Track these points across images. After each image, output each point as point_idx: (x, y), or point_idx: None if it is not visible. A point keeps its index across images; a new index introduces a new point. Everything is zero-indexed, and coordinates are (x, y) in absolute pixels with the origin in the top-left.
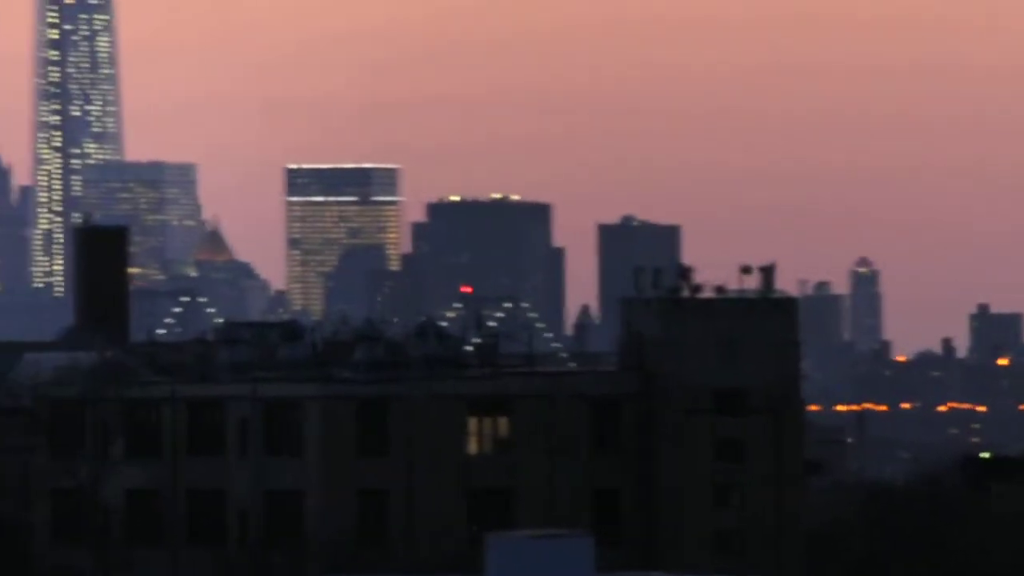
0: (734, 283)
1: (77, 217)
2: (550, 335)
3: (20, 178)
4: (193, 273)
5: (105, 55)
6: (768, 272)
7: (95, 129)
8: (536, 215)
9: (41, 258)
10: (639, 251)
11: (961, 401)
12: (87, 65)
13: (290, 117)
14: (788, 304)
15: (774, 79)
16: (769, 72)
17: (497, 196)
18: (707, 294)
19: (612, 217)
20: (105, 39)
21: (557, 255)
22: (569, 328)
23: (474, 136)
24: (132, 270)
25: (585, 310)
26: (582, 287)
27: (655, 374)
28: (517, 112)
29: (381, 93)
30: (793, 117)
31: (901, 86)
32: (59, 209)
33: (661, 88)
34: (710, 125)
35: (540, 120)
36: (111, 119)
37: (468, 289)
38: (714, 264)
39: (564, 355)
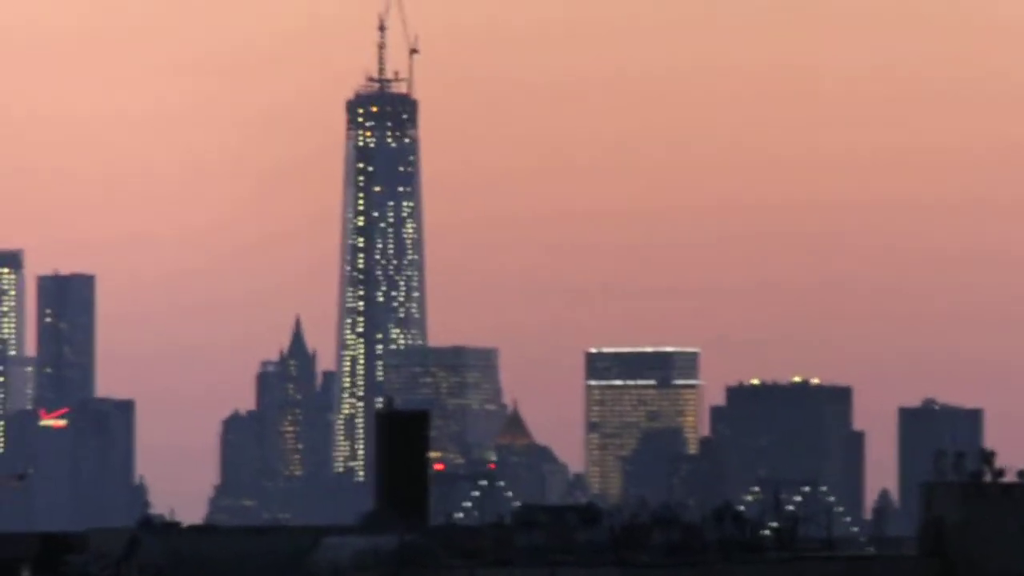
0: None
1: (379, 402)
2: (848, 519)
3: (324, 363)
4: (493, 457)
5: (410, 241)
6: None
7: (399, 315)
8: (836, 398)
9: (343, 443)
10: (940, 434)
11: None
12: (392, 251)
13: (589, 301)
14: None
15: None
16: None
17: (797, 379)
18: (1010, 478)
19: (913, 400)
20: (411, 226)
21: (857, 438)
22: (868, 512)
23: (773, 320)
24: (432, 454)
25: (885, 494)
26: (882, 471)
27: (956, 560)
28: (816, 296)
29: (678, 279)
30: None
31: None
32: (361, 394)
33: (960, 278)
34: (1016, 313)
35: (840, 304)
36: (415, 304)
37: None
38: (1019, 447)
39: (863, 540)
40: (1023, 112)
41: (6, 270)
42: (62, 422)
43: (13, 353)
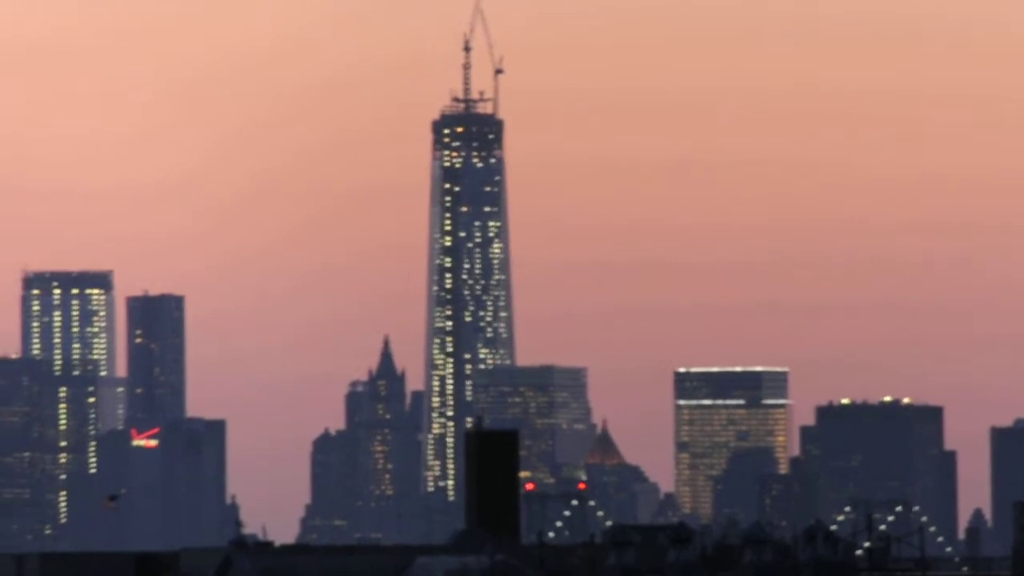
0: None
1: (469, 421)
2: (941, 539)
3: (413, 383)
4: (583, 476)
5: (497, 261)
6: None
7: (487, 335)
8: (927, 418)
9: (433, 462)
10: None
11: None
12: (480, 272)
13: (676, 322)
14: None
15: None
16: None
17: (887, 399)
18: None
19: (1005, 420)
20: (499, 246)
21: (949, 458)
22: (962, 532)
23: (863, 340)
24: (522, 473)
25: (978, 514)
26: (974, 490)
27: None
28: (903, 316)
29: (769, 297)
30: None
31: None
32: (451, 414)
33: None
34: None
35: (931, 324)
36: (502, 324)
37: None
38: None
39: (956, 560)
40: None
41: (96, 291)
42: (153, 442)
43: (104, 374)
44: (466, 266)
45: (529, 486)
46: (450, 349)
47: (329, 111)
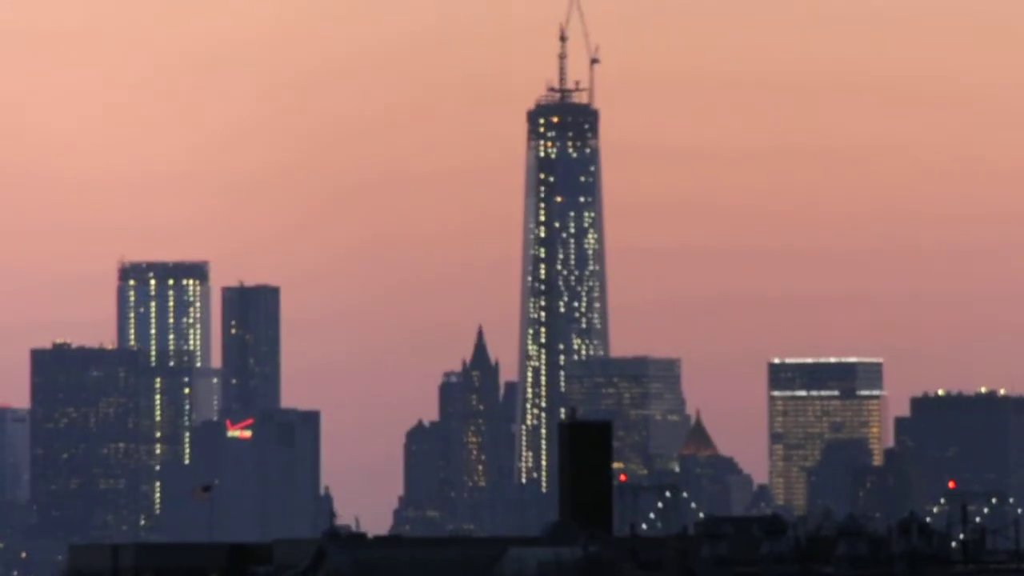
0: None
1: (562, 412)
2: None
3: (507, 374)
4: (676, 468)
5: (592, 251)
6: None
7: (581, 325)
8: (1023, 409)
9: (526, 454)
10: None
11: None
12: (574, 262)
13: (772, 312)
14: None
15: None
16: None
17: (983, 390)
18: None
19: None
20: (593, 236)
21: None
22: None
23: (959, 330)
24: (616, 464)
25: None
26: None
27: None
28: (1000, 307)
29: (862, 286)
30: None
31: None
32: (544, 405)
33: None
34: None
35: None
36: (596, 315)
37: (952, 484)
38: None
39: None
40: None
41: (192, 281)
42: (247, 433)
43: (199, 364)
44: (560, 256)
45: (622, 477)
46: (544, 340)
47: (425, 100)
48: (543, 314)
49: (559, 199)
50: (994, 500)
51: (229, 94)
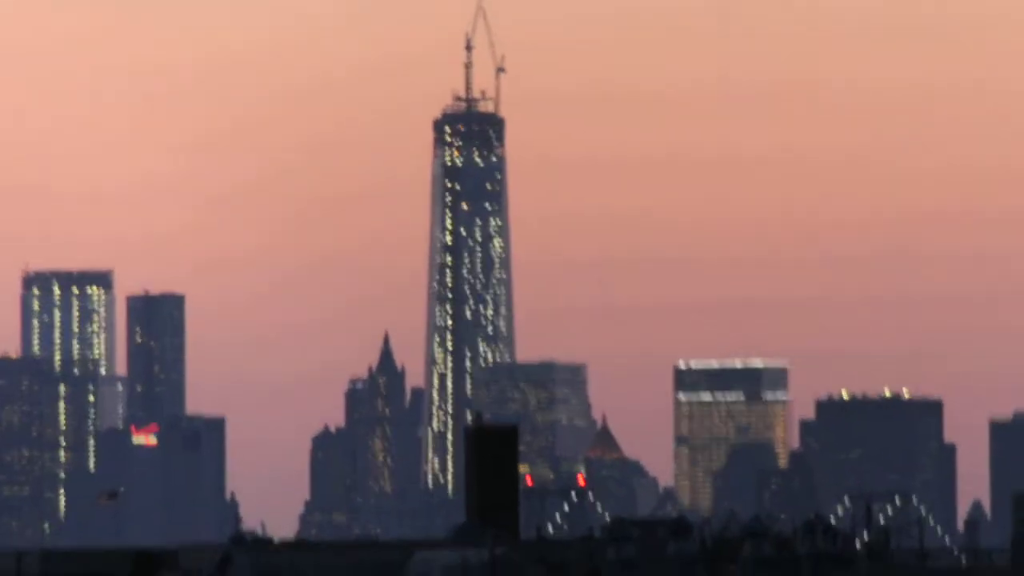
0: None
1: (469, 417)
2: (940, 531)
3: (413, 380)
4: (582, 471)
5: (498, 258)
6: None
7: (487, 331)
8: (927, 411)
9: (433, 458)
10: None
11: None
12: (480, 269)
13: (676, 317)
14: None
15: None
16: None
17: (887, 393)
18: None
19: (1004, 413)
20: (499, 243)
21: (948, 451)
22: (960, 524)
23: (863, 334)
24: (521, 468)
25: (977, 506)
26: (974, 483)
27: None
28: (903, 310)
29: (766, 290)
30: None
31: None
32: (451, 410)
33: None
34: None
35: (931, 318)
36: (503, 321)
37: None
38: None
39: (955, 551)
40: None
41: (96, 289)
42: (153, 440)
43: (104, 372)
44: (467, 263)
45: (528, 481)
46: (450, 346)
47: (330, 108)
48: (450, 320)
49: (465, 207)
50: (898, 500)
51: (128, 98)
